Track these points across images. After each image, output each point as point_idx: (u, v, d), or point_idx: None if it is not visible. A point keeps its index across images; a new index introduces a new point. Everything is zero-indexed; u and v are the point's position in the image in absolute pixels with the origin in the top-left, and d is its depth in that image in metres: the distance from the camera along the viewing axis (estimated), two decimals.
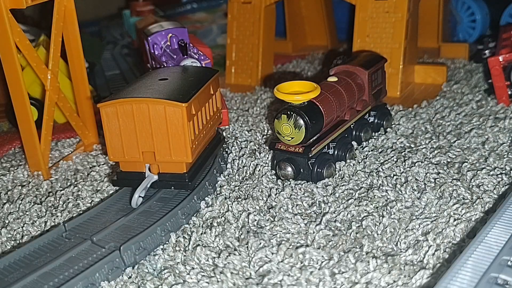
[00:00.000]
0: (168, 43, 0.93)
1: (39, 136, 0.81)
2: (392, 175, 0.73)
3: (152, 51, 0.95)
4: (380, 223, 0.62)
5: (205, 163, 0.73)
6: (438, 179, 0.71)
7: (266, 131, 0.93)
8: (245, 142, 0.88)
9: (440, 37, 1.31)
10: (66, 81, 0.98)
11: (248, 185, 0.73)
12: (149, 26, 1.02)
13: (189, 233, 0.63)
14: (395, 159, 0.77)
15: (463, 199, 0.66)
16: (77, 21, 0.86)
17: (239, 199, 0.69)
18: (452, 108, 0.95)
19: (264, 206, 0.68)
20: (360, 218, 0.64)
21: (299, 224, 0.63)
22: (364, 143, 0.84)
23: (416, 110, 0.96)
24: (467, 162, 0.75)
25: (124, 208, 0.68)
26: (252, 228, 0.64)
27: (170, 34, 0.93)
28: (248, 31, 1.21)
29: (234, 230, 0.63)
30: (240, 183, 0.75)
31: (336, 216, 0.64)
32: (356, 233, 0.61)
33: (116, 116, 0.66)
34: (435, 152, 0.79)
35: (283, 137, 0.73)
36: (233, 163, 0.80)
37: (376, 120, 0.88)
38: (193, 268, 0.57)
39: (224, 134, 0.91)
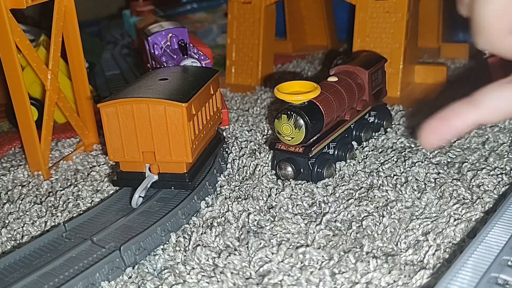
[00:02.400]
0: (168, 43, 0.93)
1: (39, 136, 0.81)
2: (392, 175, 0.73)
3: (152, 51, 0.95)
4: (380, 223, 0.62)
5: (205, 163, 0.73)
6: (438, 179, 0.71)
7: (266, 131, 0.93)
8: (245, 142, 0.88)
9: (440, 37, 1.31)
10: (66, 81, 0.98)
11: (248, 185, 0.73)
12: (149, 26, 1.02)
13: (189, 233, 0.63)
14: (395, 159, 0.77)
15: (463, 199, 0.66)
16: (77, 21, 0.86)
17: (239, 199, 0.69)
18: None
19: (264, 206, 0.68)
20: (360, 218, 0.64)
21: (299, 224, 0.63)
22: (364, 143, 0.84)
23: (416, 110, 0.96)
24: (467, 162, 0.75)
25: (124, 208, 0.68)
26: (252, 228, 0.64)
27: (170, 34, 0.93)
28: (248, 31, 1.21)
29: (234, 230, 0.63)
30: (240, 183, 0.75)
31: (336, 216, 0.64)
32: (356, 233, 0.61)
33: (116, 116, 0.66)
34: (435, 152, 0.79)
35: (283, 137, 0.73)
36: (233, 163, 0.80)
37: (376, 120, 0.88)
38: (193, 268, 0.57)
39: (224, 134, 0.91)
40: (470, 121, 0.47)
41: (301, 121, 0.70)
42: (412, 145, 0.82)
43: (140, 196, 0.67)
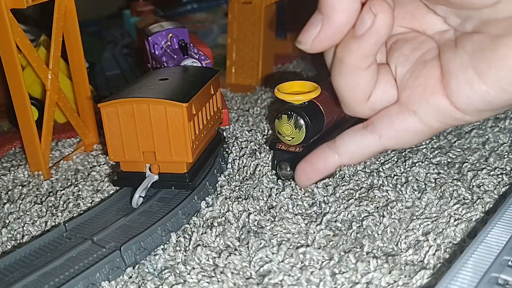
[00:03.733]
0: (169, 43, 0.93)
1: (40, 136, 0.81)
2: (392, 175, 0.73)
3: (153, 51, 0.95)
4: (380, 223, 0.62)
5: (205, 163, 0.73)
6: (438, 179, 0.71)
7: (266, 131, 0.93)
8: (246, 142, 0.88)
9: None
10: (66, 81, 0.98)
11: (249, 185, 0.73)
12: (149, 26, 1.02)
13: (190, 233, 0.63)
14: (396, 159, 0.77)
15: (464, 199, 0.66)
16: (78, 20, 0.86)
17: (240, 199, 0.69)
18: None
19: (265, 206, 0.68)
20: (361, 218, 0.64)
21: (299, 224, 0.63)
22: None
23: None
24: (467, 162, 0.75)
25: (125, 208, 0.68)
26: (253, 228, 0.64)
27: (170, 34, 0.93)
28: (249, 31, 1.21)
29: (235, 230, 0.63)
30: (241, 183, 0.75)
31: (336, 216, 0.64)
32: (357, 233, 0.61)
33: (117, 116, 0.66)
34: (436, 152, 0.79)
35: (284, 137, 0.73)
36: (234, 163, 0.80)
37: None
38: (193, 268, 0.57)
39: (224, 134, 0.91)
40: (331, 165, 0.54)
41: (302, 121, 0.70)
42: (413, 145, 0.82)
43: (140, 196, 0.67)
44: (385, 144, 0.49)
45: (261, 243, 0.60)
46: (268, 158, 0.80)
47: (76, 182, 0.80)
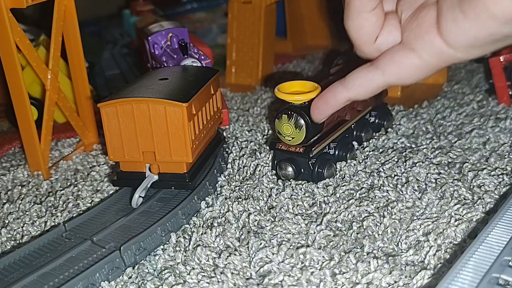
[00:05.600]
0: (169, 42, 0.93)
1: (39, 135, 0.81)
2: (393, 175, 0.73)
3: (152, 51, 0.94)
4: (381, 224, 0.62)
5: (205, 163, 0.73)
6: (439, 180, 0.71)
7: (266, 131, 0.93)
8: (246, 142, 0.87)
9: None
10: (66, 81, 0.98)
11: (249, 185, 0.73)
12: (149, 25, 1.02)
13: (190, 233, 0.63)
14: (396, 159, 0.77)
15: (464, 199, 0.66)
16: (77, 20, 0.85)
17: (240, 199, 0.69)
18: (453, 108, 0.95)
19: (265, 206, 0.68)
20: (361, 219, 0.63)
21: (299, 224, 0.63)
22: (365, 143, 0.84)
23: (417, 110, 0.96)
24: (468, 162, 0.75)
25: (124, 208, 0.68)
26: (253, 228, 0.64)
27: (170, 34, 0.93)
28: (249, 31, 1.21)
29: (235, 230, 0.63)
30: (241, 183, 0.74)
31: (337, 217, 0.64)
32: (357, 233, 0.61)
33: (116, 116, 0.65)
34: (436, 152, 0.78)
35: (284, 137, 0.72)
36: (234, 163, 0.80)
37: (377, 120, 0.87)
38: (193, 268, 0.57)
39: (224, 134, 0.91)
40: (341, 99, 0.59)
41: (302, 121, 0.70)
42: (413, 146, 0.82)
43: (140, 196, 0.67)
44: (387, 79, 0.55)
45: (261, 244, 0.60)
46: (268, 158, 0.80)
47: (75, 182, 0.79)
